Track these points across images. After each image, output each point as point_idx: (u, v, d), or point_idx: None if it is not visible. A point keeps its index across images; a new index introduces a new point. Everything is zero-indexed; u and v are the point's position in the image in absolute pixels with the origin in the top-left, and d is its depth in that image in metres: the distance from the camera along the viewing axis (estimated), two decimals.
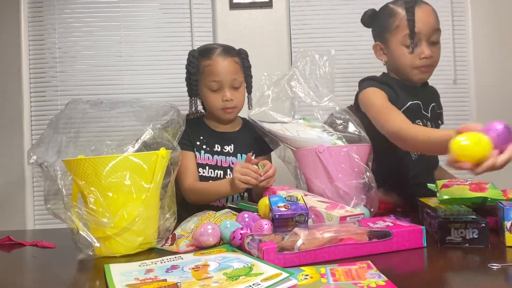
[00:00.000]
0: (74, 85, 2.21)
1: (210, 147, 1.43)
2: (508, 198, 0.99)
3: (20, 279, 0.86)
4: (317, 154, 1.23)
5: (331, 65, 1.41)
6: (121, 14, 2.23)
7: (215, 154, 1.43)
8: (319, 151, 1.23)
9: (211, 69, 1.38)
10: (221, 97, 1.39)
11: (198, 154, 1.42)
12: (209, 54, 1.39)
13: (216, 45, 1.44)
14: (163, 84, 2.21)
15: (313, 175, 1.26)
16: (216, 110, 1.42)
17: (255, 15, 2.24)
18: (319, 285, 0.68)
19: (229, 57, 1.40)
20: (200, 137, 1.43)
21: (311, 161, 1.26)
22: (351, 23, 2.23)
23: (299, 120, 1.38)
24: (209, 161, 1.42)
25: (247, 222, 1.01)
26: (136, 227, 0.96)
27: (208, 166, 1.41)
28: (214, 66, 1.38)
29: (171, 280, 0.72)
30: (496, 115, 2.24)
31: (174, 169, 1.08)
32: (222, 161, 1.43)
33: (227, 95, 1.38)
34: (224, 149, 1.44)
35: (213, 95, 1.40)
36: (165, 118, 1.12)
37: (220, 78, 1.37)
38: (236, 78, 1.39)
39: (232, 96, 1.39)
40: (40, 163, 0.99)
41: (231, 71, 1.39)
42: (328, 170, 1.22)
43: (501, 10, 2.28)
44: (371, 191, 1.22)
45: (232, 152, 1.44)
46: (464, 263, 0.83)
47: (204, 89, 1.41)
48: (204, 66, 1.39)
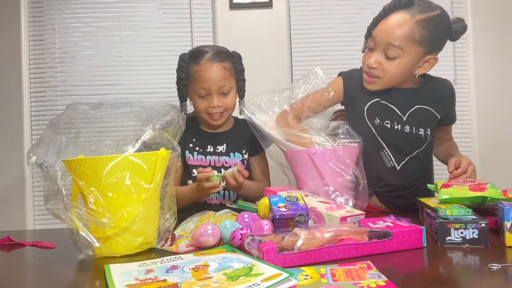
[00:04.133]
0: (74, 85, 2.22)
1: (203, 148, 1.45)
2: (508, 198, 0.99)
3: (20, 279, 0.86)
4: (310, 155, 1.23)
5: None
6: (121, 14, 2.24)
7: (207, 154, 1.44)
8: (312, 152, 1.23)
9: (199, 76, 1.37)
10: (207, 104, 1.39)
11: (191, 156, 1.43)
12: (198, 60, 1.38)
13: (207, 49, 1.42)
14: (163, 84, 2.21)
15: (305, 176, 1.26)
16: (204, 115, 1.42)
17: (255, 15, 2.24)
18: (319, 285, 0.68)
19: (218, 63, 1.38)
20: (192, 139, 1.44)
21: (303, 162, 1.25)
22: (351, 23, 2.24)
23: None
24: (202, 162, 1.43)
25: (247, 222, 1.01)
26: (136, 227, 0.96)
27: (202, 167, 1.42)
28: (202, 72, 1.37)
29: (171, 281, 0.72)
30: (496, 115, 2.27)
31: (174, 169, 1.08)
32: (215, 161, 1.44)
33: (214, 102, 1.38)
34: (216, 149, 1.45)
35: (201, 101, 1.40)
36: (165, 118, 1.12)
37: (208, 85, 1.37)
38: (224, 85, 1.38)
39: (220, 102, 1.39)
40: (39, 164, 0.99)
41: (220, 77, 1.37)
42: (320, 171, 1.22)
43: (501, 10, 2.28)
44: (359, 186, 1.23)
45: (225, 152, 1.45)
46: (464, 263, 0.83)
47: (192, 95, 1.42)
48: (193, 72, 1.39)
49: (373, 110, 1.35)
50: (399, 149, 1.35)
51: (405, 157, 1.35)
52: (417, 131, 1.34)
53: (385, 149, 1.35)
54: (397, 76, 1.30)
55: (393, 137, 1.34)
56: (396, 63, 1.27)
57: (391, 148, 1.34)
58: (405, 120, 1.34)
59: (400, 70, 1.28)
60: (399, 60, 1.26)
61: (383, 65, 1.28)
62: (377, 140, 1.34)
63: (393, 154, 1.35)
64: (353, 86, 1.38)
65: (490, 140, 2.27)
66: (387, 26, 1.27)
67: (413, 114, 1.34)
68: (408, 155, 1.35)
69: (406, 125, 1.34)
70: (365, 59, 1.33)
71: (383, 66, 1.28)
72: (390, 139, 1.34)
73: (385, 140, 1.34)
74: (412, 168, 1.35)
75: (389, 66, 1.27)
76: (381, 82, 1.31)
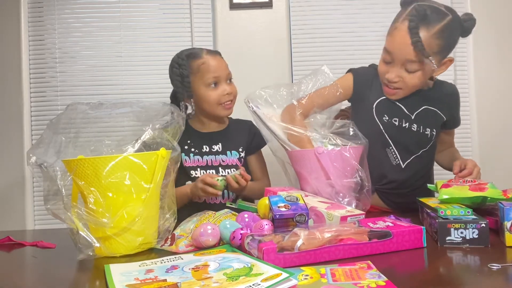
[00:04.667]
0: (74, 85, 2.22)
1: (199, 149, 1.45)
2: (508, 198, 0.99)
3: (20, 279, 0.86)
4: (316, 155, 1.23)
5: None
6: (121, 14, 2.23)
7: (204, 155, 1.45)
8: (318, 152, 1.22)
9: (206, 66, 1.40)
10: (219, 93, 1.41)
11: (188, 158, 1.44)
12: (198, 55, 1.43)
13: (198, 48, 1.48)
14: (163, 84, 2.19)
15: (308, 175, 1.25)
16: (215, 106, 1.43)
17: (255, 15, 2.24)
18: (319, 285, 0.68)
19: (218, 56, 1.46)
20: (187, 141, 1.45)
21: (307, 160, 1.25)
22: (351, 23, 2.24)
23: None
24: (199, 163, 1.44)
25: (247, 222, 1.01)
26: (136, 227, 0.96)
27: (200, 168, 1.43)
28: (209, 62, 1.41)
29: (171, 280, 0.72)
30: (496, 115, 2.27)
31: (174, 169, 1.08)
32: (212, 161, 1.44)
33: (227, 89, 1.42)
34: (212, 148, 1.46)
35: (212, 92, 1.41)
36: (165, 118, 1.12)
37: (218, 74, 1.41)
38: (229, 72, 1.45)
39: (230, 89, 1.43)
40: (39, 164, 0.99)
41: (225, 66, 1.44)
42: (325, 170, 1.22)
43: (501, 10, 2.28)
44: (363, 189, 1.22)
45: (221, 151, 1.46)
46: (464, 263, 0.83)
47: (201, 88, 1.41)
48: (198, 65, 1.41)
49: (382, 107, 1.36)
50: (406, 147, 1.36)
51: (411, 156, 1.36)
52: (424, 130, 1.35)
53: (392, 147, 1.36)
54: (418, 85, 1.32)
55: (401, 135, 1.35)
56: (418, 75, 1.28)
57: (398, 146, 1.36)
58: (413, 119, 1.36)
59: (421, 79, 1.30)
60: (419, 72, 1.28)
61: (405, 78, 1.29)
62: (384, 137, 1.35)
63: (399, 152, 1.36)
64: (363, 83, 1.39)
65: (490, 140, 2.27)
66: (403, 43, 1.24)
67: (421, 114, 1.36)
68: (413, 154, 1.37)
69: (413, 124, 1.35)
70: (383, 71, 1.33)
71: (405, 79, 1.29)
72: (397, 137, 1.35)
73: (392, 137, 1.35)
74: (416, 167, 1.37)
75: (410, 79, 1.29)
76: (403, 92, 1.33)
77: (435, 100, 1.38)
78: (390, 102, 1.36)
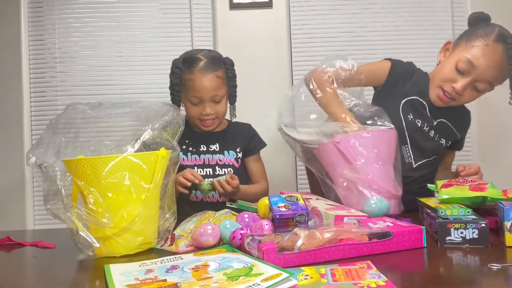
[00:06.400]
0: (74, 85, 2.21)
1: (196, 148, 1.47)
2: (508, 198, 0.99)
3: (20, 279, 0.86)
4: (335, 145, 1.17)
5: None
6: (121, 14, 2.23)
7: (201, 153, 1.46)
8: (336, 141, 1.17)
9: (193, 84, 1.39)
10: (200, 111, 1.41)
11: (185, 157, 1.45)
12: (191, 68, 1.39)
13: (201, 55, 1.42)
14: (163, 84, 2.17)
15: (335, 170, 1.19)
16: (196, 121, 1.45)
17: (255, 15, 2.24)
18: (319, 285, 0.68)
19: (211, 73, 1.39)
20: (185, 140, 1.46)
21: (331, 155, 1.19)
22: (351, 23, 2.24)
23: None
24: (197, 161, 1.46)
25: (247, 222, 1.01)
26: (136, 227, 0.96)
27: (197, 166, 1.45)
28: (196, 82, 1.39)
29: (171, 281, 0.72)
30: (496, 115, 2.26)
31: (174, 169, 1.08)
32: (209, 159, 1.46)
33: (207, 110, 1.41)
34: (209, 148, 1.48)
35: (194, 108, 1.42)
36: (164, 118, 1.12)
37: (200, 95, 1.39)
38: (217, 94, 1.41)
39: (212, 110, 1.41)
40: (39, 164, 0.99)
41: (213, 87, 1.39)
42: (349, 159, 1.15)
43: (501, 10, 2.28)
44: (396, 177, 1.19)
45: (218, 150, 1.47)
46: (464, 263, 0.83)
47: (185, 100, 1.44)
48: (186, 80, 1.40)
49: (410, 105, 1.36)
50: (421, 149, 1.38)
51: (423, 159, 1.38)
52: (439, 139, 1.40)
53: (407, 145, 1.37)
54: (468, 103, 1.34)
55: (420, 136, 1.37)
56: (478, 95, 1.30)
57: (414, 145, 1.37)
58: (434, 125, 1.38)
59: (475, 99, 1.32)
60: (482, 93, 1.29)
61: (467, 94, 1.30)
62: (404, 134, 1.35)
63: (414, 152, 1.37)
64: (398, 74, 1.38)
65: (490, 140, 2.27)
66: (497, 65, 1.25)
67: (441, 124, 1.40)
68: (426, 157, 1.39)
69: (432, 130, 1.38)
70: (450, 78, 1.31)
71: (465, 93, 1.30)
72: (416, 137, 1.37)
73: (411, 136, 1.36)
74: (425, 170, 1.39)
75: (470, 95, 1.30)
76: (454, 103, 1.35)
77: (455, 117, 1.42)
78: (419, 103, 1.37)
